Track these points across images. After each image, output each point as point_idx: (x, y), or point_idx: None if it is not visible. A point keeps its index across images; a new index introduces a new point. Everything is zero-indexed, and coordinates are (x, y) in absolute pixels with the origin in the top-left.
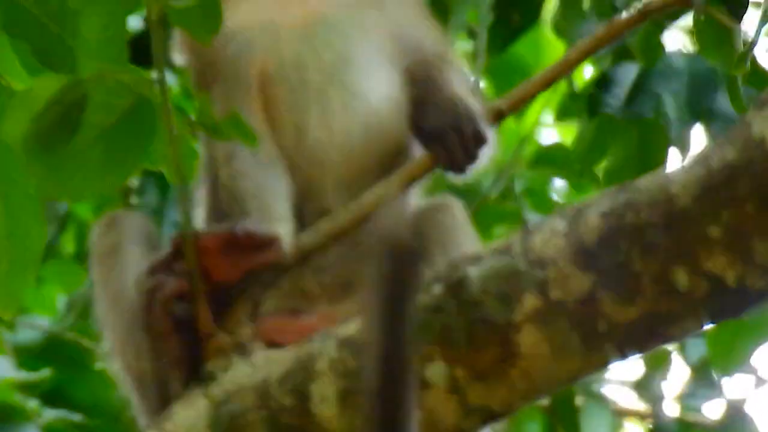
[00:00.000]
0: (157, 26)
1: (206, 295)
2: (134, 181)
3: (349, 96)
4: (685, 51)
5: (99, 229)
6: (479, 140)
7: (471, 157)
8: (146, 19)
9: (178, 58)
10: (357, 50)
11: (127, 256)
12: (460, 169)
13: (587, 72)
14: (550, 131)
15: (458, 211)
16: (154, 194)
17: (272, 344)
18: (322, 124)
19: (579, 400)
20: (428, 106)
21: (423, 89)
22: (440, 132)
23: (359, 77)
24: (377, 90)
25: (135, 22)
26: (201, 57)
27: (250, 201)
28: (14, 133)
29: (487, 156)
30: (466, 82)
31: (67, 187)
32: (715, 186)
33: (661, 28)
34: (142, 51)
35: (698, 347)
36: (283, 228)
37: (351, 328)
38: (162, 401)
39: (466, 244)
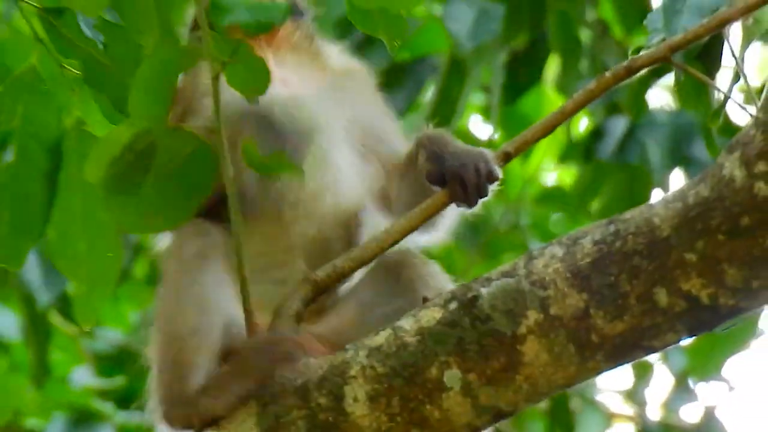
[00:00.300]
0: (215, 81)
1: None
2: None
3: (318, 155)
4: (667, 107)
5: (186, 234)
6: (492, 178)
7: (483, 192)
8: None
9: None
10: (323, 123)
11: (211, 265)
12: (472, 203)
13: (583, 124)
14: (552, 174)
15: (423, 256)
16: None
17: None
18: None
19: (575, 404)
20: (446, 155)
21: (438, 145)
22: (460, 171)
23: (325, 143)
24: (339, 155)
25: None
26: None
27: None
28: (94, 174)
29: (492, 191)
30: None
31: (139, 223)
32: (692, 218)
33: (645, 87)
34: None
35: (680, 359)
36: None
37: (379, 339)
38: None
39: (438, 276)
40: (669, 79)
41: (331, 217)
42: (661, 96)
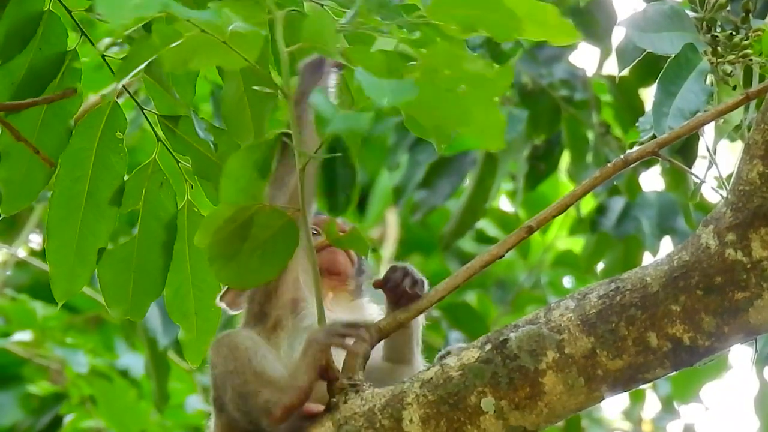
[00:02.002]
0: (302, 173)
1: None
2: None
3: None
4: (655, 189)
5: (237, 330)
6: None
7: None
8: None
9: None
10: None
11: (262, 341)
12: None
13: (589, 203)
14: (565, 243)
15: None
16: None
17: None
18: None
19: (584, 423)
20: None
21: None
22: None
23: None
24: None
25: None
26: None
27: None
28: (202, 241)
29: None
30: None
31: (236, 279)
32: (676, 278)
33: (638, 174)
34: None
35: (666, 386)
36: None
37: (429, 373)
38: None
39: None
40: (657, 168)
41: None
42: (651, 181)
